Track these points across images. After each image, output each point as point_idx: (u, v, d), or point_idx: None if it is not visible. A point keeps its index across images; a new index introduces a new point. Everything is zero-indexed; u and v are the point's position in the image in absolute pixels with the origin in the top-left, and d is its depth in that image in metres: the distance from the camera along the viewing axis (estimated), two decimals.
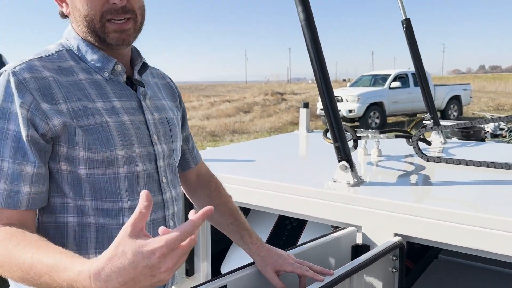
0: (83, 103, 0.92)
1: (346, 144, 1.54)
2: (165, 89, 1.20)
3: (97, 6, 0.93)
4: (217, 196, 1.29)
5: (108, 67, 0.98)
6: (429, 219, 1.25)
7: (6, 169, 0.86)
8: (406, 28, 2.43)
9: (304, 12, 1.53)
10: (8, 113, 0.87)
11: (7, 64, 0.93)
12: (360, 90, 13.45)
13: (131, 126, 0.98)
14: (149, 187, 1.01)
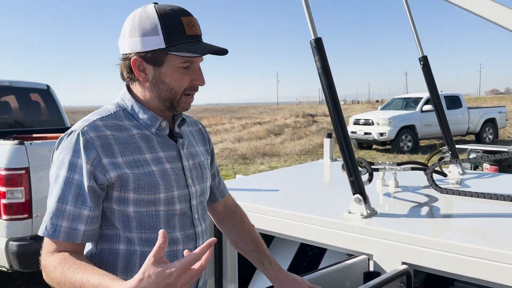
0: (135, 156, 1.15)
1: (359, 178, 1.69)
2: (198, 135, 1.41)
3: (183, 84, 1.17)
4: (242, 226, 1.48)
5: (155, 124, 1.20)
6: (432, 249, 1.38)
7: (68, 211, 1.09)
8: (424, 65, 2.56)
9: (321, 61, 1.71)
10: (75, 166, 1.09)
11: (76, 123, 1.16)
12: (392, 113, 13.43)
13: (172, 173, 1.19)
14: (183, 222, 1.22)
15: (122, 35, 1.18)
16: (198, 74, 1.18)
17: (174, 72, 1.15)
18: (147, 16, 1.13)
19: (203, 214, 1.31)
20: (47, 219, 1.10)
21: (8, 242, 3.02)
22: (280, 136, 18.44)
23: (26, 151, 3.03)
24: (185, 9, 1.17)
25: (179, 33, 1.12)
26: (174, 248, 1.19)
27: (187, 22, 1.13)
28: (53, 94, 5.53)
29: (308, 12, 1.76)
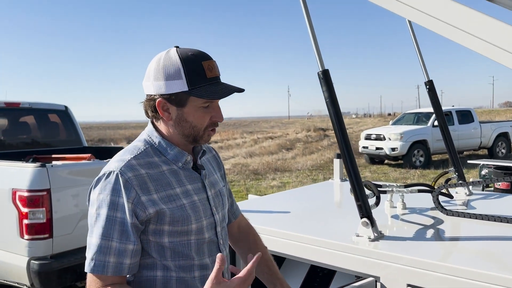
0: (168, 192, 1.24)
1: (367, 202, 1.78)
2: (213, 161, 1.50)
3: (205, 122, 1.27)
4: (255, 248, 1.57)
5: (182, 159, 1.30)
6: (436, 273, 1.45)
7: (115, 247, 1.17)
8: (429, 89, 2.65)
9: (328, 92, 1.81)
10: (116, 204, 1.17)
11: (111, 163, 1.24)
12: (403, 128, 13.44)
13: (199, 204, 1.30)
14: (211, 249, 1.32)
15: (146, 77, 1.27)
16: (217, 111, 1.28)
17: (196, 112, 1.25)
18: (170, 61, 1.22)
19: (226, 239, 1.41)
20: (94, 256, 1.16)
21: (30, 261, 3.13)
22: (291, 151, 18.50)
23: (48, 173, 3.16)
24: (205, 53, 1.27)
25: (200, 76, 1.21)
26: (205, 273, 1.28)
27: (207, 66, 1.23)
28: (70, 115, 5.70)
29: (315, 45, 1.87)
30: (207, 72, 1.23)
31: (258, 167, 12.96)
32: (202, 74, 1.22)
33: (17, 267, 3.19)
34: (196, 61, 1.22)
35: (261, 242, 1.62)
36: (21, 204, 3.13)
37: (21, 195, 3.13)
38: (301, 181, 10.62)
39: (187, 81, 1.21)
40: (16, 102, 5.21)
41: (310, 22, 1.88)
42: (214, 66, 1.26)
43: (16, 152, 5.01)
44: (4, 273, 3.33)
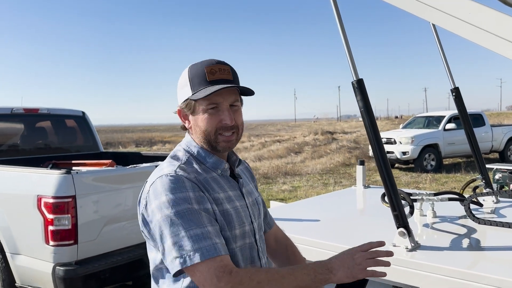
0: (214, 195, 1.25)
1: (403, 212, 1.78)
2: (247, 172, 1.53)
3: (213, 124, 1.27)
4: (294, 259, 1.57)
5: (221, 167, 1.32)
6: (475, 283, 1.46)
7: (212, 230, 1.16)
8: (456, 96, 2.65)
9: (363, 101, 1.83)
10: (189, 198, 1.17)
11: (162, 170, 1.25)
12: (414, 131, 13.37)
13: (241, 210, 1.31)
14: (252, 256, 1.32)
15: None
16: (225, 114, 1.28)
17: (203, 115, 1.27)
18: (183, 72, 1.32)
19: (264, 248, 1.41)
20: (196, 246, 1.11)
21: (55, 267, 3.15)
22: (300, 154, 18.48)
23: (73, 180, 3.19)
24: (214, 60, 1.30)
25: (200, 80, 1.26)
26: None
27: (209, 70, 1.27)
28: (88, 120, 5.75)
29: (349, 55, 1.89)
30: (208, 76, 1.26)
31: (268, 171, 12.96)
32: (203, 77, 1.26)
33: (43, 273, 3.21)
34: (200, 67, 1.28)
35: (299, 253, 1.62)
36: (47, 210, 3.16)
37: (46, 201, 3.16)
38: (312, 185, 10.61)
39: (191, 86, 1.27)
40: (34, 108, 5.27)
41: (344, 33, 1.89)
42: (219, 70, 1.28)
43: (34, 158, 5.06)
44: (30, 279, 3.36)
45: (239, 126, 1.32)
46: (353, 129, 42.33)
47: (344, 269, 1.17)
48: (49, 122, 5.61)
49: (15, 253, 3.42)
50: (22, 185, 3.41)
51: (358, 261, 1.18)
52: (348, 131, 36.58)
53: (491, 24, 1.45)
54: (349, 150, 19.41)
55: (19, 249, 3.39)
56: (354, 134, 32.07)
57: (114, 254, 3.39)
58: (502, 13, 1.44)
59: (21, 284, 3.41)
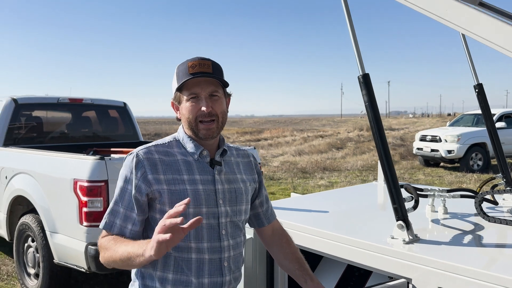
0: (174, 176, 1.44)
1: (403, 205, 1.80)
2: (245, 165, 1.64)
3: (194, 112, 1.45)
4: (288, 248, 1.70)
5: (197, 152, 1.48)
6: (467, 277, 1.46)
7: (122, 212, 1.43)
8: (478, 93, 2.59)
9: (368, 95, 1.85)
10: (129, 179, 1.43)
11: (138, 148, 1.50)
12: (461, 130, 12.90)
13: (202, 193, 1.45)
14: (210, 235, 1.46)
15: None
16: (202, 102, 1.44)
17: (186, 104, 1.46)
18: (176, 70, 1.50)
19: (233, 232, 1.52)
20: (106, 215, 1.44)
21: (87, 246, 3.40)
22: (342, 150, 18.29)
23: (106, 165, 3.42)
24: (198, 56, 1.48)
25: (184, 74, 1.44)
26: (201, 256, 1.44)
27: (191, 64, 1.44)
28: (129, 111, 6.04)
29: (357, 48, 1.91)
30: (189, 69, 1.44)
31: (307, 165, 12.96)
32: (185, 71, 1.44)
33: (76, 251, 3.47)
34: (184, 63, 1.47)
35: (293, 243, 1.74)
36: (81, 193, 3.40)
37: (81, 185, 3.40)
38: (350, 181, 10.52)
39: (177, 80, 1.46)
40: (79, 98, 5.61)
41: (351, 26, 1.92)
42: (199, 64, 1.44)
43: (78, 145, 5.40)
44: (64, 256, 3.63)
45: (219, 114, 1.46)
46: (401, 125, 41.20)
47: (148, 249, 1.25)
48: (93, 112, 5.94)
49: (54, 232, 3.70)
50: (61, 169, 3.68)
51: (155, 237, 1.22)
52: (396, 128, 35.64)
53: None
54: (394, 147, 18.98)
55: (57, 228, 3.68)
56: (402, 131, 31.23)
57: None
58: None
59: (58, 260, 3.69)
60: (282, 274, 2.19)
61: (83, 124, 5.83)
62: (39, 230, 3.86)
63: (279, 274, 2.19)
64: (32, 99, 5.28)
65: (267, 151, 17.77)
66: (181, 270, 1.42)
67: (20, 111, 5.05)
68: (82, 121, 5.83)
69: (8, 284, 4.46)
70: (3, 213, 4.42)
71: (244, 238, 1.61)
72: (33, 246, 4.05)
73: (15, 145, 4.88)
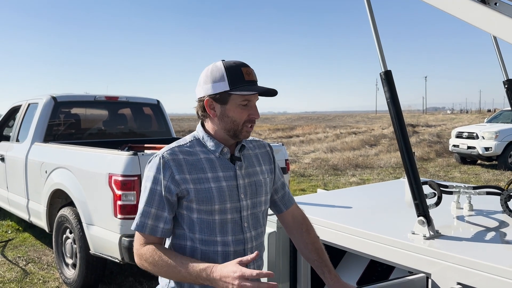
0: (199, 175, 1.50)
1: (424, 201, 1.81)
2: (263, 156, 1.72)
3: (243, 117, 1.52)
4: (307, 237, 1.73)
5: (218, 150, 1.56)
6: (484, 273, 1.47)
7: (153, 213, 1.48)
8: (508, 89, 2.54)
9: (389, 92, 1.87)
10: (157, 180, 1.48)
11: (162, 149, 1.55)
12: (499, 126, 12.47)
13: (226, 189, 1.52)
14: (234, 229, 1.54)
15: (198, 85, 1.55)
16: (254, 110, 1.53)
17: (235, 108, 1.50)
18: (217, 68, 1.51)
19: (254, 224, 1.60)
20: (137, 217, 1.49)
21: (121, 238, 3.55)
22: (375, 147, 18.02)
23: (139, 161, 3.55)
24: (245, 62, 1.53)
25: (239, 79, 1.48)
26: (226, 249, 1.52)
27: (245, 71, 1.50)
28: (162, 108, 6.21)
29: (379, 46, 1.93)
30: (245, 76, 1.49)
31: (338, 162, 12.87)
32: (241, 77, 1.49)
33: (111, 242, 3.63)
34: (237, 68, 1.50)
35: (314, 232, 1.77)
36: (116, 187, 3.55)
37: (116, 179, 3.56)
38: (382, 178, 10.38)
39: (229, 82, 1.48)
40: (114, 96, 5.81)
41: (374, 23, 1.94)
42: (252, 72, 1.52)
43: (114, 141, 5.61)
44: (100, 248, 3.81)
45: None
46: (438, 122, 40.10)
47: (221, 284, 1.32)
48: (128, 109, 6.15)
49: (90, 224, 3.88)
50: (97, 164, 3.85)
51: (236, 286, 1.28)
52: (432, 124, 34.73)
53: None
54: (430, 144, 18.54)
55: (93, 220, 3.85)
56: (439, 127, 30.41)
57: None
58: None
59: (94, 251, 3.87)
60: (305, 267, 2.24)
61: (118, 121, 6.04)
62: (77, 222, 4.05)
63: (301, 267, 2.23)
64: (70, 97, 5.52)
65: (299, 147, 17.74)
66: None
67: (59, 108, 5.29)
68: (118, 118, 6.04)
69: (48, 273, 4.71)
70: (43, 206, 4.66)
71: (264, 228, 1.69)
72: (71, 238, 4.26)
73: (55, 141, 5.12)
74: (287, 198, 1.78)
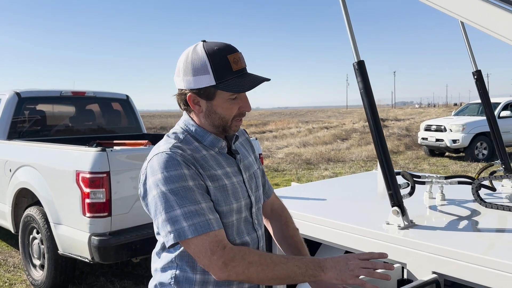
0: (211, 172, 1.30)
1: (398, 191, 1.81)
2: (246, 144, 1.56)
3: (233, 112, 1.33)
4: (286, 229, 1.63)
5: (218, 145, 1.37)
6: (459, 261, 1.47)
7: (206, 207, 1.22)
8: (477, 79, 2.58)
9: (363, 82, 1.86)
10: (184, 175, 1.22)
11: (159, 147, 1.30)
12: (466, 119, 12.82)
13: (238, 185, 1.37)
14: (247, 228, 1.39)
15: (176, 73, 1.33)
16: (244, 102, 1.34)
17: (224, 104, 1.31)
18: (197, 56, 1.28)
19: (260, 220, 1.47)
20: (190, 221, 1.18)
21: (91, 237, 3.44)
22: (347, 141, 18.25)
23: (108, 157, 3.44)
24: (231, 46, 1.31)
25: (226, 70, 1.26)
26: None
27: (232, 59, 1.28)
28: (131, 103, 6.06)
29: (351, 35, 1.91)
30: (233, 65, 1.27)
31: (311, 157, 12.96)
32: (228, 67, 1.27)
33: (80, 242, 3.51)
34: (222, 55, 1.27)
35: (293, 224, 1.66)
36: (84, 184, 3.43)
37: (83, 176, 3.44)
38: (354, 171, 10.52)
39: (214, 75, 1.26)
40: (81, 91, 5.63)
41: (346, 12, 1.91)
42: (240, 59, 1.30)
43: (82, 138, 5.43)
44: (69, 247, 3.68)
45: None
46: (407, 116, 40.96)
47: (336, 270, 1.20)
48: (96, 105, 5.97)
49: (57, 223, 3.75)
50: (64, 162, 3.71)
51: (351, 267, 1.20)
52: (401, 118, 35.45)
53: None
54: (399, 137, 18.89)
55: (61, 219, 3.72)
56: (407, 121, 31.06)
57: (145, 227, 3.63)
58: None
59: (63, 251, 3.74)
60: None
61: (86, 117, 5.86)
62: (44, 222, 3.90)
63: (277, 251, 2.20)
64: (35, 93, 5.31)
65: (272, 143, 17.77)
66: None
67: (23, 104, 5.08)
68: (85, 114, 5.86)
69: (15, 275, 4.53)
70: (8, 206, 4.48)
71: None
72: (38, 238, 4.11)
73: (19, 138, 4.92)
74: (267, 187, 1.65)
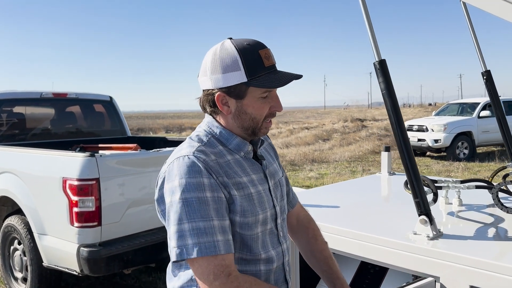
0: (236, 179, 1.20)
1: (425, 199, 1.70)
2: (270, 150, 1.45)
3: (265, 111, 1.24)
4: (315, 243, 1.50)
5: (244, 149, 1.27)
6: (499, 274, 1.37)
7: (217, 225, 1.11)
8: (487, 80, 2.51)
9: (385, 83, 1.74)
10: (203, 185, 1.12)
11: (181, 150, 1.20)
12: (447, 119, 12.99)
13: (264, 194, 1.25)
14: (272, 241, 1.27)
15: (202, 72, 1.23)
16: (276, 101, 1.25)
17: (255, 103, 1.21)
18: (227, 52, 1.19)
19: (285, 232, 1.35)
20: (197, 240, 1.09)
21: (79, 248, 3.23)
22: (328, 141, 18.28)
23: (97, 163, 3.24)
24: (260, 42, 1.23)
25: (258, 66, 1.18)
26: (269, 267, 1.24)
27: (264, 54, 1.19)
28: (115, 105, 5.82)
29: (372, 34, 1.79)
30: (265, 61, 1.19)
31: (295, 158, 12.88)
32: (260, 63, 1.18)
33: (67, 253, 3.29)
34: (253, 51, 1.19)
35: (321, 237, 1.53)
36: (71, 192, 3.22)
37: (71, 183, 3.22)
38: (339, 172, 10.48)
39: (245, 71, 1.17)
40: (63, 92, 5.37)
41: (366, 11, 1.80)
42: (271, 55, 1.22)
43: (63, 142, 5.18)
44: (56, 259, 3.46)
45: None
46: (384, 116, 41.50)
47: None
48: (78, 107, 5.71)
49: (42, 234, 3.51)
50: (49, 168, 3.49)
51: None
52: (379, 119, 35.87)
53: None
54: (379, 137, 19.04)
55: (46, 229, 3.49)
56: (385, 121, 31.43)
57: (137, 236, 3.45)
58: None
59: (48, 264, 3.51)
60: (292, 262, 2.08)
61: (67, 119, 5.59)
62: (26, 232, 3.66)
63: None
64: (13, 94, 5.03)
65: None
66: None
67: (0, 107, 4.80)
68: (67, 117, 5.59)
69: None
70: None
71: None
72: (20, 249, 3.86)
73: None
74: (292, 195, 1.53)
